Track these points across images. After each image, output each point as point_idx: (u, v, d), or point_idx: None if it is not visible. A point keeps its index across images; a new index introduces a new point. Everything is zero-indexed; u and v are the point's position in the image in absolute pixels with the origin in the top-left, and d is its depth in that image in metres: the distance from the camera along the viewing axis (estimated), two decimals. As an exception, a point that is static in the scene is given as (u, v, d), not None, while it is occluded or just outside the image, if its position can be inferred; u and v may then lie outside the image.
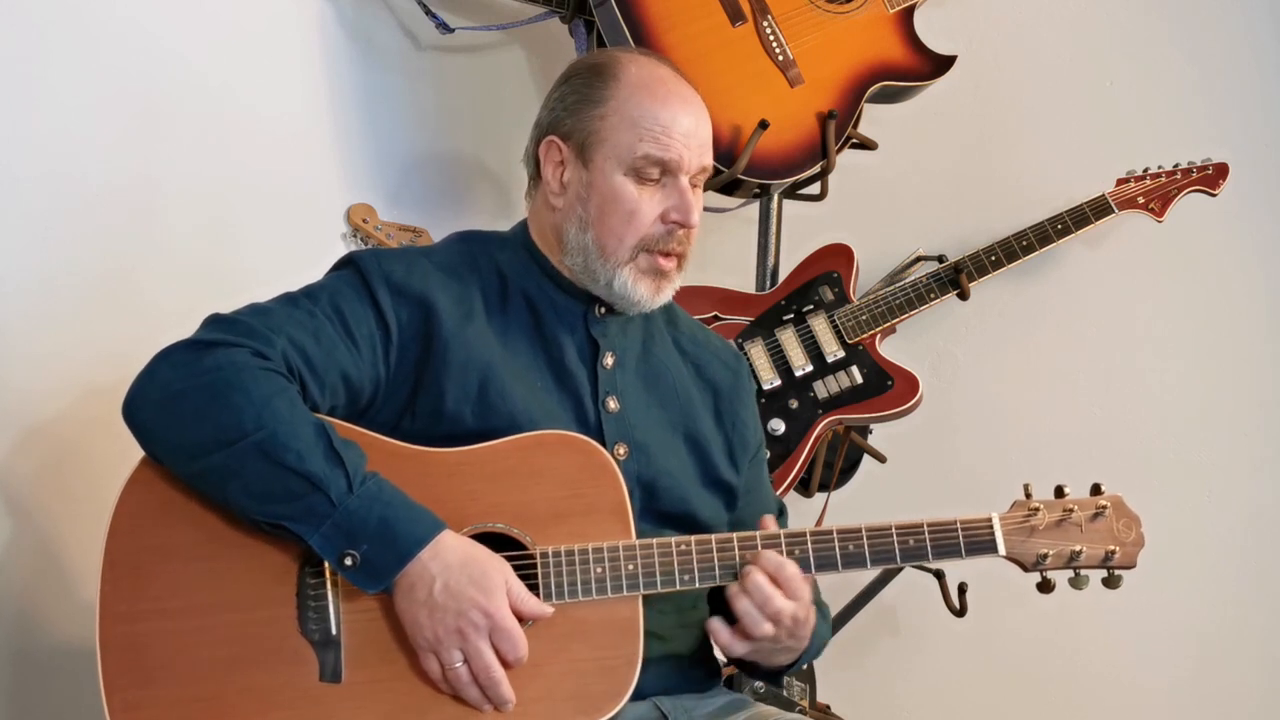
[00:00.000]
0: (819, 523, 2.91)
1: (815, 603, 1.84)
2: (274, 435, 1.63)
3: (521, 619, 1.67)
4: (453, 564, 1.64)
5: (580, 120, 1.87)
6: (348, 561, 1.63)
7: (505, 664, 1.65)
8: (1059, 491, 1.86)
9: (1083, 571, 1.84)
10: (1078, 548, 1.82)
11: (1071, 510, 1.83)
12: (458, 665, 1.64)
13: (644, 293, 1.87)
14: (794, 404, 2.76)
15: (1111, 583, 1.84)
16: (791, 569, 1.75)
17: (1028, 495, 1.86)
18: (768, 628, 1.74)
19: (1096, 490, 1.86)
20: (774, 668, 1.89)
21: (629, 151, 1.84)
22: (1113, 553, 1.83)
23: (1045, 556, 1.82)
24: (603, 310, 1.92)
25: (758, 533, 1.79)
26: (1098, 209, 2.90)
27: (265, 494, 1.63)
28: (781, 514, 2.09)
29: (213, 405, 1.64)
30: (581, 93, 1.89)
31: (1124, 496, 1.86)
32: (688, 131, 1.85)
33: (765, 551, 1.76)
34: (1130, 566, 1.84)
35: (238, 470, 1.63)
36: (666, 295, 1.91)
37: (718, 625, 1.77)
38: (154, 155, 2.43)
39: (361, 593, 1.67)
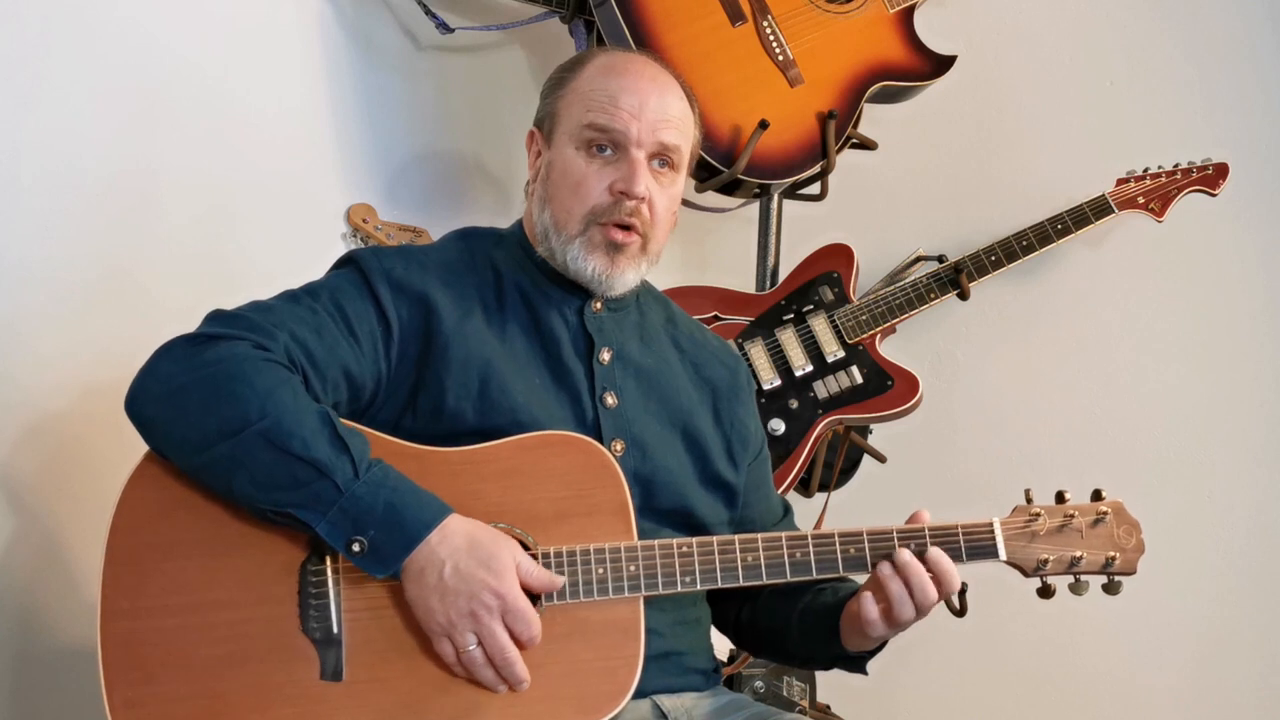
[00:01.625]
0: (819, 523, 2.92)
1: None
2: (279, 423, 1.63)
3: (534, 594, 1.67)
4: (461, 547, 1.64)
5: (546, 105, 1.93)
6: (355, 547, 1.63)
7: (519, 644, 1.65)
8: (1060, 497, 1.85)
9: (1083, 577, 1.83)
10: (1078, 553, 1.82)
11: (1072, 516, 1.83)
12: (471, 648, 1.64)
13: (597, 267, 1.87)
14: (794, 404, 2.76)
15: (1111, 589, 1.84)
16: (948, 565, 1.77)
17: (1029, 500, 1.85)
18: (911, 611, 1.76)
19: (1098, 496, 1.86)
20: (860, 652, 1.90)
21: (577, 123, 1.87)
22: (1113, 559, 1.82)
23: (1046, 562, 1.81)
24: (598, 305, 1.93)
25: (759, 535, 1.79)
26: (1098, 209, 2.90)
27: (271, 482, 1.63)
28: (787, 513, 2.10)
29: (216, 396, 1.64)
30: (552, 84, 1.94)
31: (1125, 501, 1.86)
32: (637, 104, 1.86)
33: (935, 549, 1.77)
34: (1130, 573, 1.84)
35: (244, 459, 1.63)
36: (626, 272, 1.88)
37: (869, 599, 1.77)
38: (154, 155, 2.43)
39: (363, 591, 1.67)
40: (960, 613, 2.58)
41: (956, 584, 1.77)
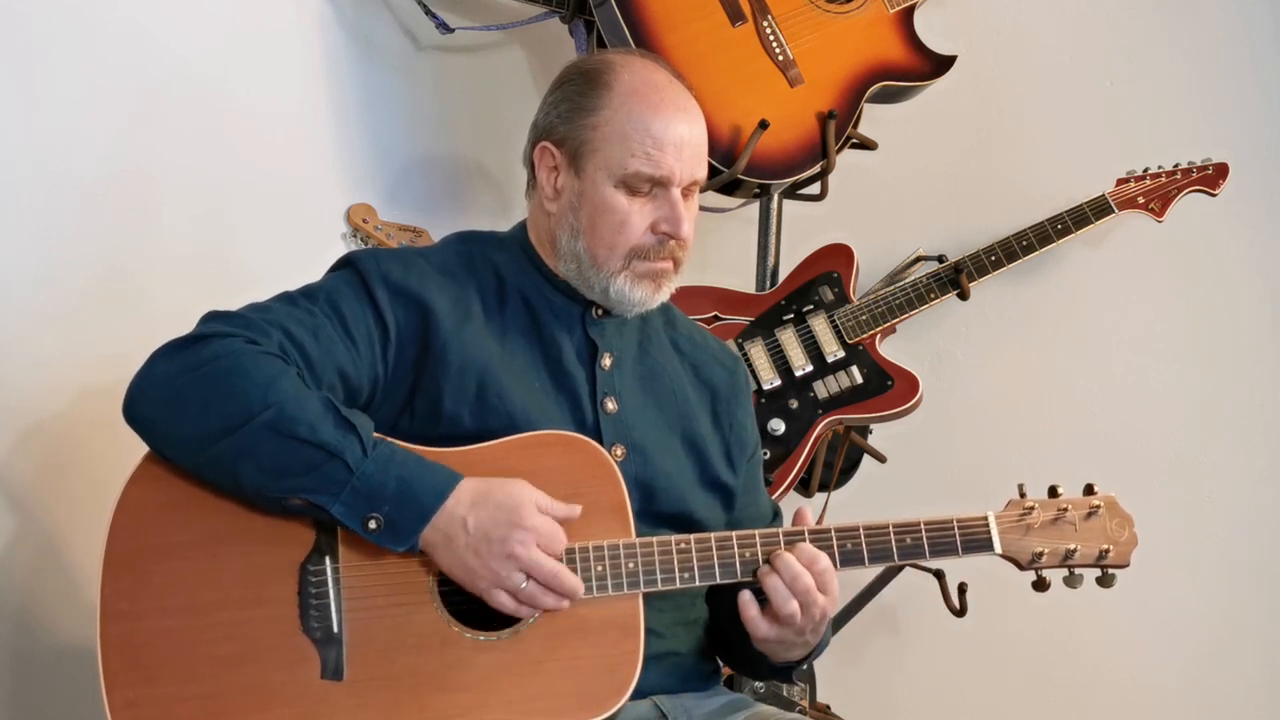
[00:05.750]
0: (819, 523, 2.91)
1: None
2: (283, 411, 1.64)
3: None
4: (476, 500, 1.66)
5: (573, 128, 1.87)
6: (371, 525, 1.64)
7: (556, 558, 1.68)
8: (1053, 491, 1.88)
9: (1077, 570, 1.85)
10: (1072, 546, 1.84)
11: (1066, 509, 1.85)
12: (524, 585, 1.66)
13: (643, 294, 1.88)
14: (794, 404, 2.76)
15: (1105, 582, 1.86)
16: (825, 563, 1.77)
17: (1022, 495, 1.87)
18: (794, 606, 1.74)
19: (1090, 490, 1.88)
20: (785, 663, 1.89)
21: (620, 166, 1.84)
22: (1106, 551, 1.84)
23: (1040, 555, 1.83)
24: (600, 311, 1.93)
25: (756, 531, 1.79)
26: (1098, 209, 2.90)
27: (281, 469, 1.64)
28: (776, 516, 2.09)
29: (216, 392, 1.65)
30: (574, 100, 1.88)
31: (1118, 496, 1.88)
32: (679, 142, 1.84)
33: (801, 544, 1.77)
34: (1124, 565, 1.86)
35: (250, 451, 1.63)
36: (665, 294, 1.91)
37: (747, 599, 1.77)
38: (154, 155, 2.43)
39: (363, 590, 1.68)
40: (960, 613, 2.59)
41: (823, 563, 1.76)
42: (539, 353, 1.89)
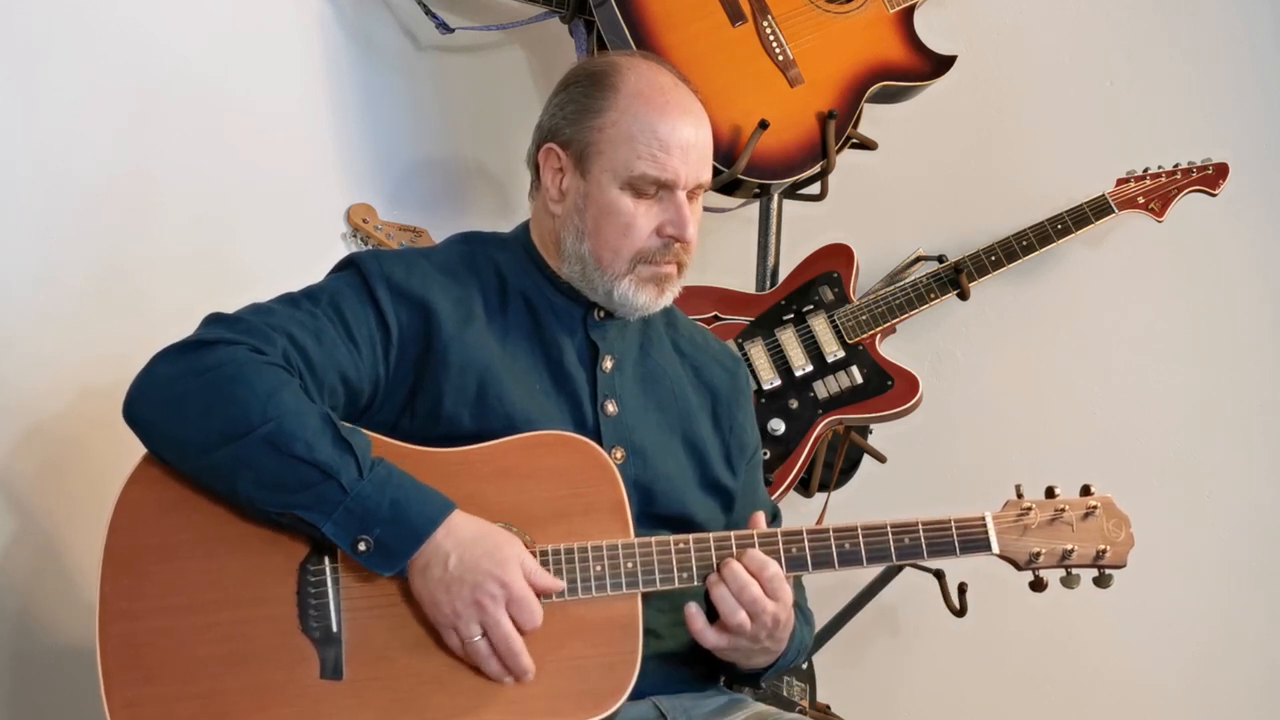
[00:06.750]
0: (819, 523, 2.91)
1: (796, 605, 1.85)
2: (281, 426, 1.63)
3: (536, 595, 1.67)
4: (466, 540, 1.65)
5: (578, 130, 1.87)
6: (361, 546, 1.63)
7: (523, 634, 1.65)
8: (1050, 492, 1.88)
9: (1074, 570, 1.86)
10: (1069, 546, 1.84)
11: (1063, 510, 1.85)
12: (476, 639, 1.64)
13: (647, 298, 1.88)
14: (794, 404, 2.76)
15: (1102, 582, 1.86)
16: (774, 570, 1.75)
17: (1019, 495, 1.87)
18: (743, 616, 1.73)
19: (1086, 491, 1.88)
20: (751, 669, 1.89)
21: (626, 168, 1.83)
22: (1103, 552, 1.84)
23: (1038, 555, 1.84)
24: (602, 314, 1.93)
25: (754, 531, 1.79)
26: (1098, 209, 2.90)
27: (276, 484, 1.63)
28: (775, 518, 2.09)
29: (217, 400, 1.65)
30: (580, 101, 1.88)
31: (1116, 497, 1.88)
32: (685, 145, 1.84)
33: (751, 550, 1.76)
34: (1120, 566, 1.86)
35: (247, 463, 1.63)
36: (669, 297, 1.91)
37: (694, 610, 1.76)
38: (154, 155, 2.43)
39: (362, 590, 1.68)
40: (960, 613, 2.59)
41: (771, 569, 1.74)
42: (540, 354, 1.89)
